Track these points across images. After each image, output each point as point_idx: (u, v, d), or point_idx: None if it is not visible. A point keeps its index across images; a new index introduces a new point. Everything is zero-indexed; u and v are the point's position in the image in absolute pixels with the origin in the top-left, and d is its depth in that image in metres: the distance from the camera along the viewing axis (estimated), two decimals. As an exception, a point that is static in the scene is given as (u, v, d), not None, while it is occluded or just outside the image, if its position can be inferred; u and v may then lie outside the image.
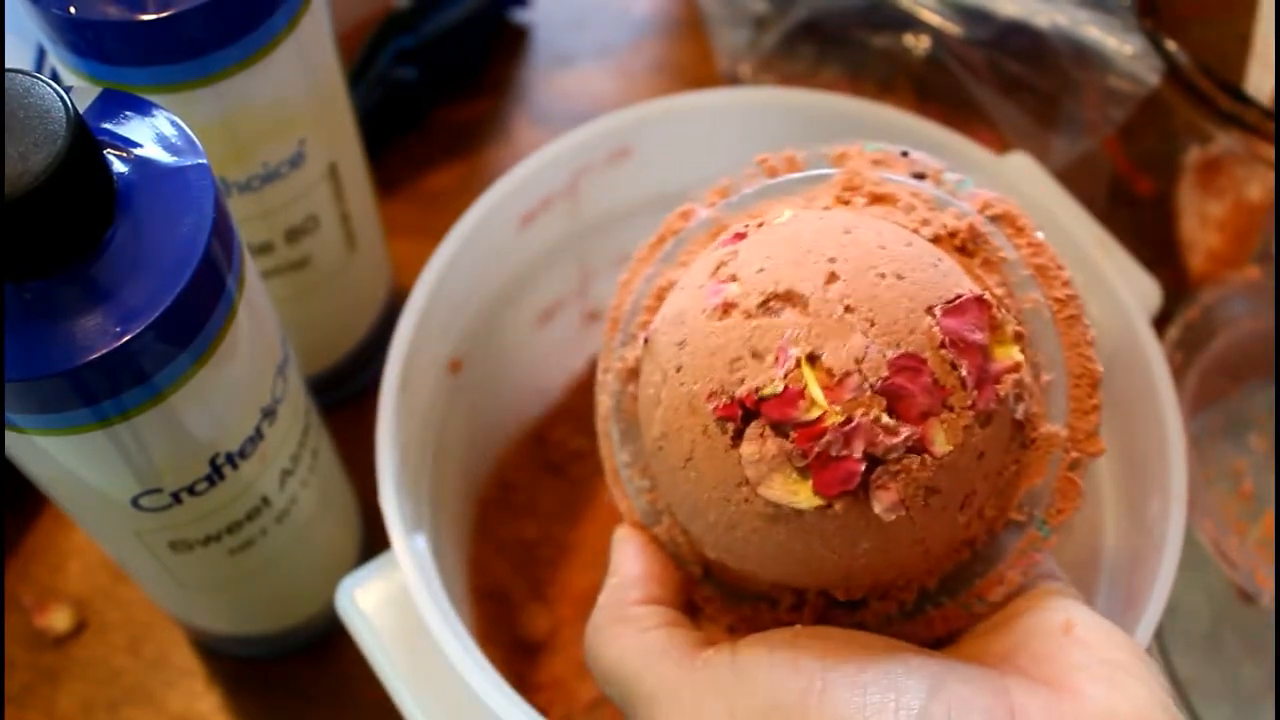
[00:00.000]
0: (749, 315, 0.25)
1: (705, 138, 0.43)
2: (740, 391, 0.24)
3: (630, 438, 0.30)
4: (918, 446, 0.24)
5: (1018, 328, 0.26)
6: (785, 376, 0.24)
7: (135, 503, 0.32)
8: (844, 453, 0.24)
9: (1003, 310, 0.26)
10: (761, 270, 0.25)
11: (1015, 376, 0.25)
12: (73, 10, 0.31)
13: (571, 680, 0.44)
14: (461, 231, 0.40)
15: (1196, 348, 0.45)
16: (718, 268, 0.26)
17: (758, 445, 0.24)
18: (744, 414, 0.25)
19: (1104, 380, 0.27)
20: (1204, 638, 0.44)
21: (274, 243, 0.41)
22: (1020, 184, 0.40)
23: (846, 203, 0.28)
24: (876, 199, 0.28)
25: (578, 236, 0.45)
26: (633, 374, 0.29)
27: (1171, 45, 0.46)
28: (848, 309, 0.24)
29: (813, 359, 0.24)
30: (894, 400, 0.24)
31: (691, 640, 0.27)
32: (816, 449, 0.24)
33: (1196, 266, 0.50)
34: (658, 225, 0.46)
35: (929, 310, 0.24)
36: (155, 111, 0.29)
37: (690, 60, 0.63)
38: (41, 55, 0.43)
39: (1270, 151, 0.45)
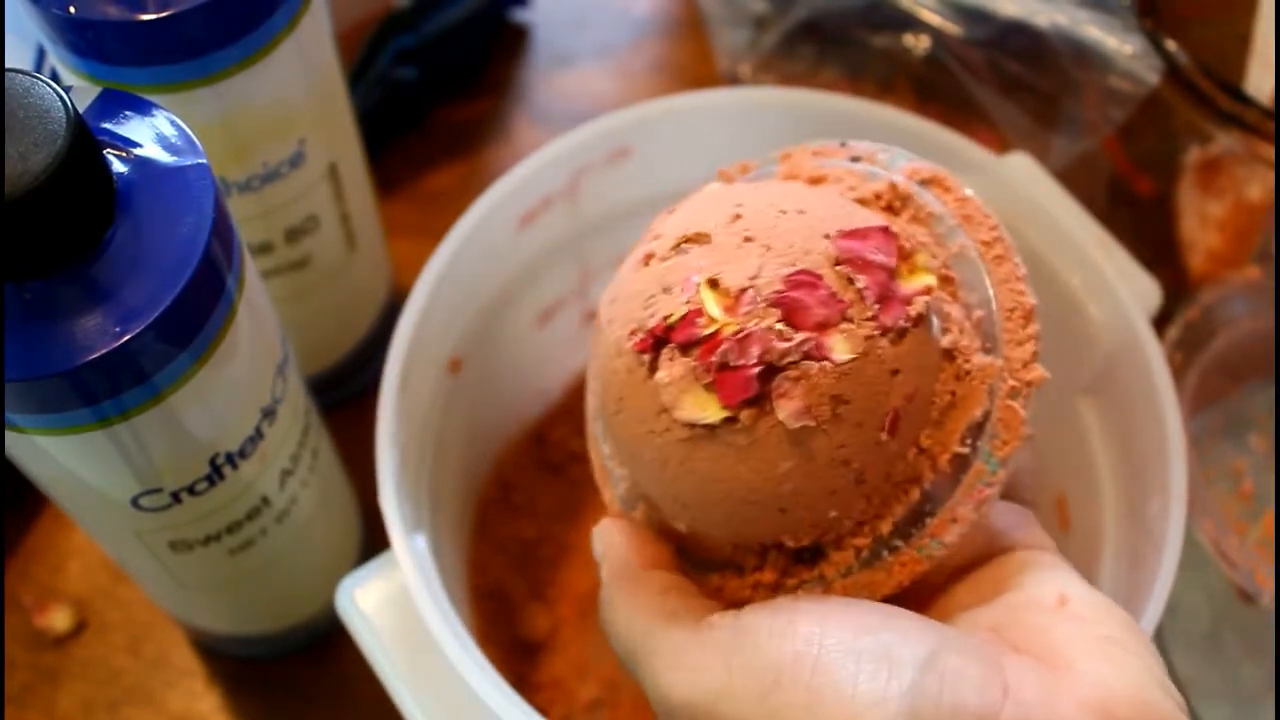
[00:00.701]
0: (663, 259, 0.27)
1: (705, 138, 0.43)
2: (652, 323, 0.26)
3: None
4: (816, 354, 0.25)
5: (945, 271, 0.28)
6: (688, 302, 0.26)
7: (135, 503, 0.32)
8: (740, 361, 0.25)
9: (915, 243, 0.27)
10: (679, 221, 0.28)
11: (927, 298, 0.26)
12: (73, 10, 0.31)
13: (571, 680, 0.44)
14: (461, 231, 0.40)
15: (1196, 348, 0.45)
16: (650, 235, 0.29)
17: (668, 369, 0.26)
18: (655, 343, 0.26)
19: (1040, 311, 0.28)
20: (1204, 638, 0.44)
21: (274, 243, 0.41)
22: (1020, 184, 0.40)
23: None
24: (813, 181, 0.30)
25: (578, 236, 0.45)
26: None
27: (1171, 45, 0.46)
28: (747, 239, 0.26)
29: (713, 284, 0.26)
30: (790, 312, 0.25)
31: (697, 604, 0.27)
32: (715, 360, 0.25)
33: (1196, 266, 0.50)
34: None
35: (827, 235, 0.26)
36: (155, 111, 0.29)
37: (690, 60, 0.63)
38: (41, 55, 0.43)
39: (1270, 151, 0.45)
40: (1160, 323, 0.41)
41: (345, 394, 0.51)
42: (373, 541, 0.46)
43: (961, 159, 0.40)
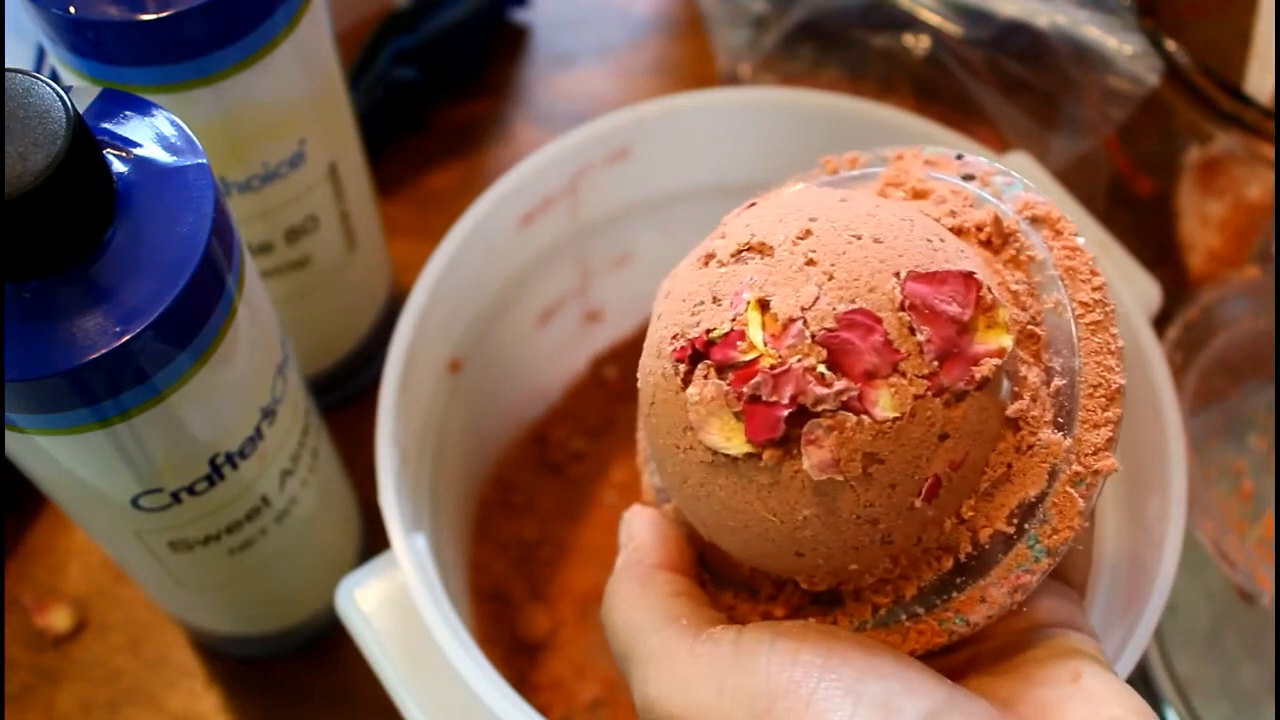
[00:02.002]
0: (722, 264, 0.25)
1: (705, 138, 0.43)
2: (694, 333, 0.24)
3: None
4: (856, 405, 0.23)
5: (1031, 327, 0.25)
6: (733, 319, 0.24)
7: (135, 503, 0.32)
8: (772, 397, 0.23)
9: (1008, 302, 0.25)
10: (747, 225, 0.26)
11: (997, 361, 0.24)
12: (73, 10, 0.31)
13: (571, 680, 0.44)
14: (461, 231, 0.40)
15: (1196, 348, 0.45)
16: (718, 229, 0.27)
17: (700, 385, 0.24)
18: (693, 355, 0.24)
19: (1124, 394, 0.25)
20: (1204, 638, 0.44)
21: (274, 243, 0.41)
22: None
23: (885, 197, 0.27)
24: (916, 194, 0.28)
25: (578, 236, 0.45)
26: None
27: (1171, 45, 0.46)
28: (809, 261, 0.24)
29: (764, 305, 0.24)
30: (837, 354, 0.23)
31: (702, 615, 0.26)
32: (747, 391, 0.23)
33: (1196, 266, 0.50)
34: (660, 224, 0.47)
35: (897, 273, 0.24)
36: (155, 111, 0.29)
37: (690, 60, 0.63)
38: (41, 55, 0.43)
39: (1270, 151, 0.45)
40: (1160, 323, 0.41)
41: (345, 394, 0.51)
42: (373, 541, 0.46)
43: (961, 159, 0.40)
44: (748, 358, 0.24)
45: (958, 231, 0.26)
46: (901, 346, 0.23)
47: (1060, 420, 0.25)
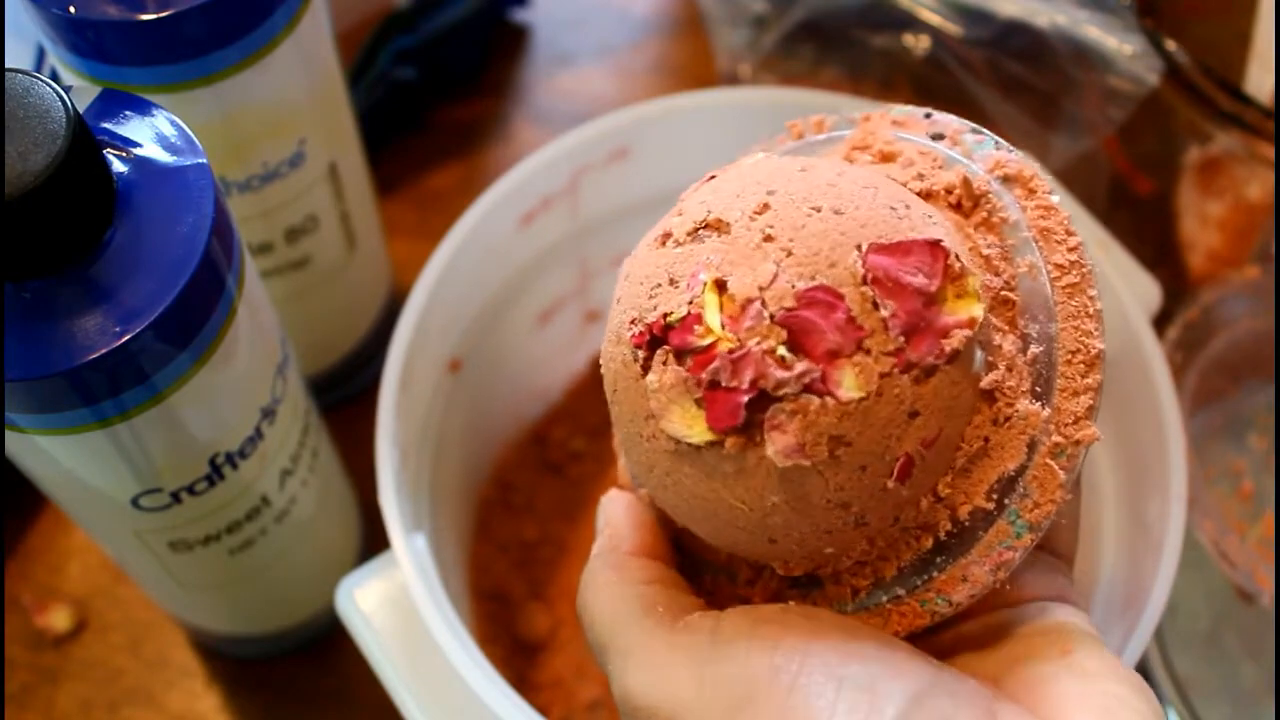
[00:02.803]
0: (678, 243, 0.24)
1: (705, 138, 0.43)
2: (651, 317, 0.23)
3: None
4: (819, 387, 0.22)
5: (1006, 293, 0.24)
6: (690, 302, 0.23)
7: (135, 503, 0.32)
8: (732, 383, 0.22)
9: (979, 268, 0.24)
10: (703, 201, 0.24)
11: (968, 333, 0.23)
12: (73, 10, 0.31)
13: (571, 680, 0.44)
14: (461, 231, 0.40)
15: (1196, 348, 0.45)
16: (676, 206, 0.26)
17: (659, 372, 0.23)
18: (651, 340, 0.23)
19: (1105, 359, 0.24)
20: (1204, 638, 0.44)
21: (274, 243, 0.41)
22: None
23: (852, 161, 0.26)
24: (884, 157, 0.26)
25: (577, 236, 0.45)
26: None
27: (1171, 45, 0.46)
28: (767, 237, 0.23)
29: (721, 286, 0.23)
30: (798, 334, 0.22)
31: (680, 602, 0.26)
32: (706, 377, 0.22)
33: (1196, 266, 0.50)
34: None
35: (859, 246, 0.23)
36: (155, 111, 0.29)
37: (690, 60, 0.63)
38: (41, 55, 0.43)
39: (1270, 151, 0.45)
40: (1160, 323, 0.41)
41: (345, 394, 0.51)
42: (373, 541, 0.46)
43: (961, 159, 0.40)
44: (705, 342, 0.23)
45: (926, 195, 0.25)
46: (865, 323, 0.22)
47: (1038, 389, 0.24)
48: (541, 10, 0.65)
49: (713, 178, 0.26)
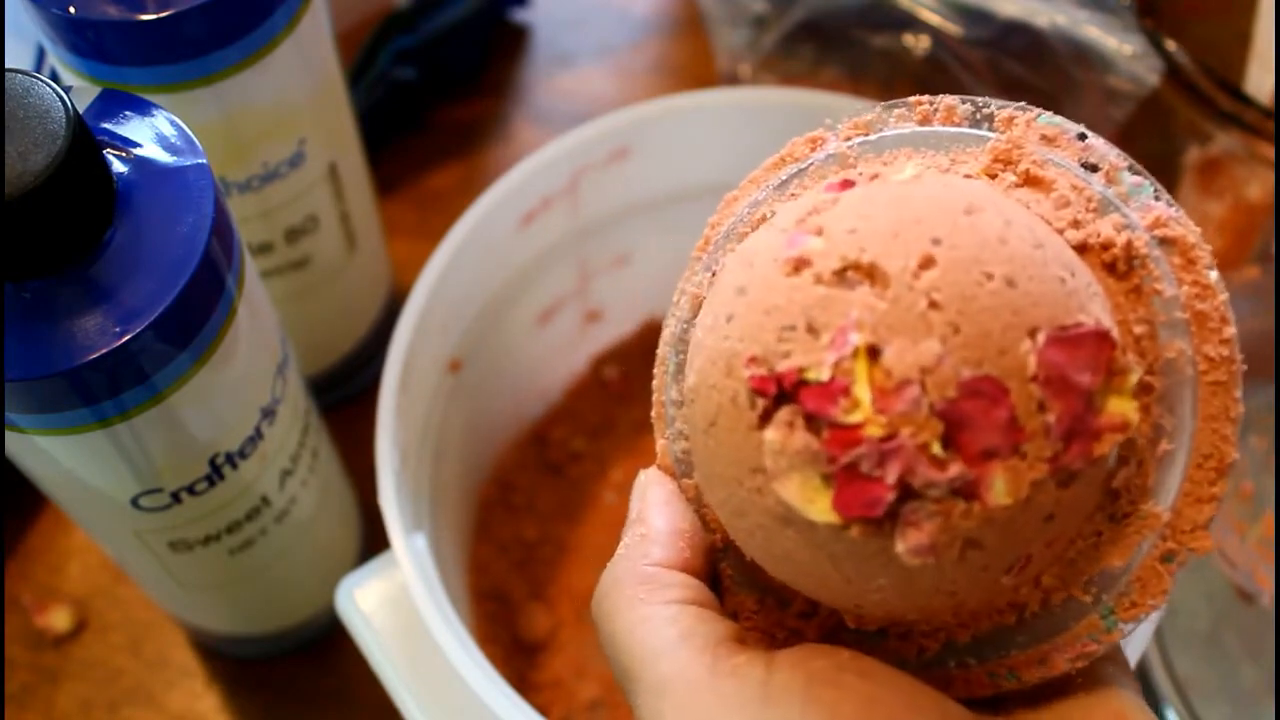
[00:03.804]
0: (819, 280, 0.21)
1: (705, 138, 0.43)
2: (782, 366, 0.21)
3: (683, 376, 0.26)
4: (968, 490, 0.20)
5: (1148, 378, 0.22)
6: (835, 365, 0.20)
7: (135, 503, 0.32)
8: (875, 473, 0.20)
9: (1131, 355, 0.22)
10: (853, 231, 0.21)
11: (1120, 438, 0.21)
12: (73, 10, 0.31)
13: (571, 680, 0.44)
14: (461, 231, 0.40)
15: (1196, 348, 0.45)
16: (809, 214, 0.22)
17: (784, 434, 0.21)
18: (779, 393, 0.21)
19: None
20: (1204, 638, 0.44)
21: (274, 243, 0.41)
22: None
23: (994, 176, 0.24)
24: (1030, 180, 0.24)
25: (578, 236, 0.45)
26: (702, 306, 0.25)
27: (1171, 45, 0.46)
28: (933, 304, 0.20)
29: (873, 353, 0.20)
30: (955, 428, 0.20)
31: (720, 631, 0.23)
32: (845, 459, 0.20)
33: (1196, 266, 0.50)
34: (660, 224, 0.47)
35: (1032, 333, 0.20)
36: (155, 111, 0.29)
37: (690, 60, 0.63)
38: (41, 55, 0.43)
39: (1270, 151, 0.45)
40: (1160, 323, 0.41)
41: (345, 394, 0.51)
42: (373, 541, 0.46)
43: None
44: (850, 419, 0.20)
45: (1081, 249, 0.23)
46: (1027, 425, 0.20)
47: (1162, 486, 0.22)
48: (541, 10, 0.65)
49: (848, 184, 0.23)
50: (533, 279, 0.45)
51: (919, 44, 0.54)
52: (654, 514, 0.25)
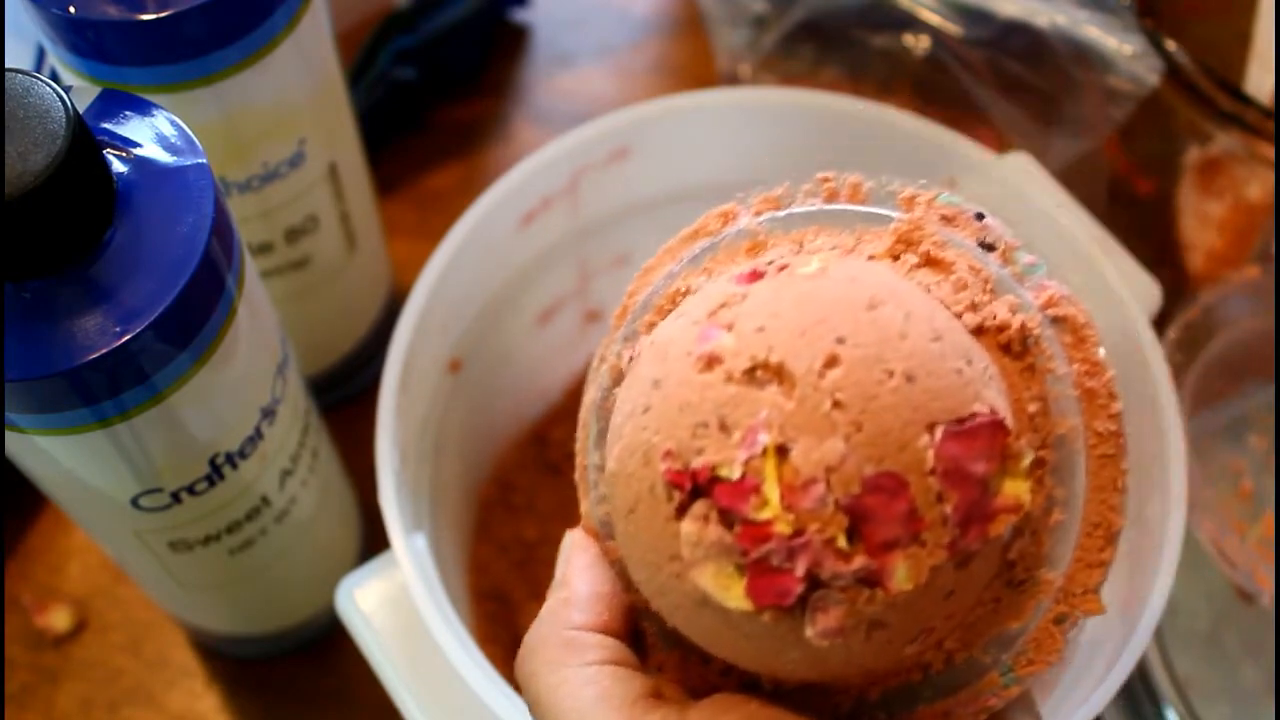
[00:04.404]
0: (730, 378, 0.22)
1: (705, 138, 0.43)
2: (696, 463, 0.22)
3: (605, 441, 0.27)
4: (871, 578, 0.21)
5: (1041, 452, 0.23)
6: (745, 463, 0.21)
7: (135, 503, 0.32)
8: (785, 565, 0.21)
9: (1025, 436, 0.23)
10: (761, 329, 0.22)
11: (1014, 518, 0.22)
12: (73, 10, 0.31)
13: (571, 680, 0.44)
14: (461, 231, 0.40)
15: (1196, 348, 0.45)
16: (720, 308, 0.23)
17: (699, 527, 0.22)
18: (694, 488, 0.22)
19: (1123, 528, 0.24)
20: (1204, 638, 0.44)
21: (274, 243, 0.41)
22: (1020, 184, 0.40)
23: (896, 257, 0.25)
24: (930, 261, 0.25)
25: (577, 236, 0.45)
26: (621, 378, 0.27)
27: (1171, 45, 0.46)
28: (836, 404, 0.21)
29: (781, 451, 0.21)
30: (858, 521, 0.21)
31: (636, 689, 0.24)
32: (756, 553, 0.21)
33: (1196, 266, 0.50)
34: (660, 224, 0.46)
35: (930, 427, 0.21)
36: (155, 111, 0.29)
37: (690, 60, 0.63)
38: (41, 55, 0.43)
39: (1270, 151, 0.45)
40: (1160, 323, 0.41)
41: (345, 394, 0.51)
42: (373, 541, 0.46)
43: (961, 159, 0.40)
44: (760, 516, 0.21)
45: (978, 331, 0.24)
46: (926, 515, 0.21)
47: (1054, 554, 0.24)
48: (541, 10, 0.65)
49: (757, 276, 0.24)
50: (533, 279, 0.45)
51: (919, 44, 0.54)
52: (577, 578, 0.27)
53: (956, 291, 0.24)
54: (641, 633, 0.27)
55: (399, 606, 0.34)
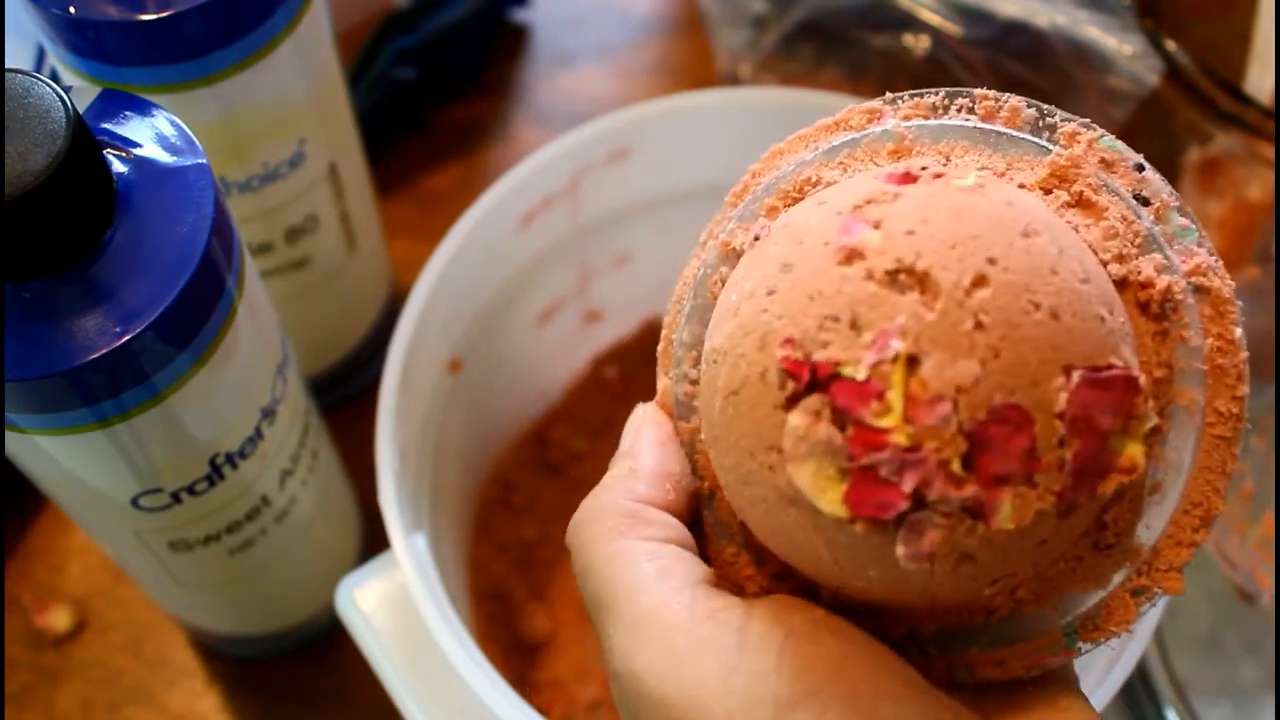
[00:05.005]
0: (870, 276, 0.21)
1: (705, 138, 0.43)
2: (819, 355, 0.21)
3: (699, 319, 0.26)
4: (976, 509, 0.20)
5: (1158, 422, 0.23)
6: (873, 366, 0.20)
7: (135, 503, 0.32)
8: (893, 479, 0.20)
9: (1151, 402, 0.22)
10: (911, 233, 0.21)
11: (1126, 480, 0.21)
12: (73, 10, 0.31)
13: (571, 680, 0.44)
14: (461, 231, 0.40)
15: (1196, 348, 0.45)
16: (866, 203, 0.22)
17: (809, 422, 0.21)
18: (811, 381, 0.21)
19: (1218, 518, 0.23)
20: (1204, 638, 0.44)
21: (274, 243, 0.41)
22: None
23: (1048, 191, 0.24)
24: (1083, 203, 0.24)
25: (578, 236, 0.45)
26: (734, 257, 0.26)
27: (1171, 45, 0.46)
28: (978, 325, 0.20)
29: (912, 362, 0.20)
30: (976, 448, 0.20)
31: (698, 573, 0.23)
32: (865, 460, 0.20)
33: (1196, 266, 0.50)
34: (660, 224, 0.47)
35: (1067, 369, 0.20)
36: (155, 111, 0.29)
37: (690, 60, 0.63)
38: (41, 55, 0.43)
39: (1270, 151, 0.45)
40: (1160, 323, 0.41)
41: (345, 394, 0.51)
42: (373, 541, 0.46)
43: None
44: (879, 423, 0.20)
45: (1120, 284, 0.23)
46: (1044, 457, 0.20)
47: (1149, 525, 0.23)
48: (541, 10, 0.65)
49: (911, 179, 0.23)
50: (533, 279, 0.45)
51: (919, 44, 0.54)
52: (645, 452, 0.25)
53: (1105, 239, 0.23)
54: (700, 524, 0.26)
55: (399, 606, 0.34)
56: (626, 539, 0.24)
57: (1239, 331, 0.23)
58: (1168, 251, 0.23)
